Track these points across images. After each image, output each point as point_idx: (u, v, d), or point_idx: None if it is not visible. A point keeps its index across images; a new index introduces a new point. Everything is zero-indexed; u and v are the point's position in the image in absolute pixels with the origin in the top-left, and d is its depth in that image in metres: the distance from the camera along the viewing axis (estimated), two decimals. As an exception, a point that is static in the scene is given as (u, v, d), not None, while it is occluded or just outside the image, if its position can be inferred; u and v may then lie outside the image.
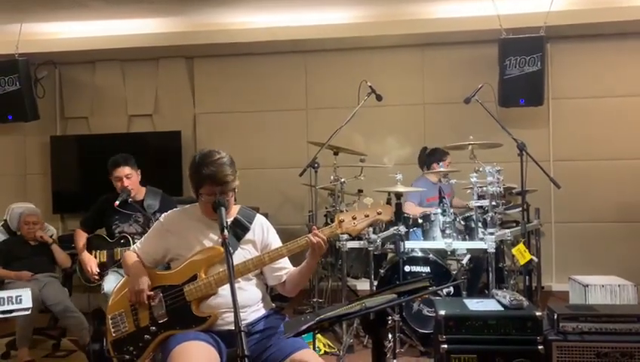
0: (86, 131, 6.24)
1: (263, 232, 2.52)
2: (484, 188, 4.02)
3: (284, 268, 2.49)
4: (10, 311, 3.62)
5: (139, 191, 3.88)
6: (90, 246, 3.90)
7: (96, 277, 3.75)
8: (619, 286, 4.30)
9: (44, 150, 6.20)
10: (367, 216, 2.36)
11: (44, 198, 6.02)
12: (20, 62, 5.56)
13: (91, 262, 3.79)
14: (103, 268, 3.80)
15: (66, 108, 6.29)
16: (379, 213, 2.37)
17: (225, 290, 2.33)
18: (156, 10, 5.30)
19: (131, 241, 3.72)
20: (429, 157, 5.06)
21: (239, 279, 2.35)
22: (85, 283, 3.88)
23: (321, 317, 1.84)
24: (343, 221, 2.35)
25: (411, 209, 4.75)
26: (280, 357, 2.26)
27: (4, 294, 3.65)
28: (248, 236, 2.48)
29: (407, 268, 4.13)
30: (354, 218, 2.35)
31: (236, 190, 2.42)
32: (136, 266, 2.47)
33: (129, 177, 3.82)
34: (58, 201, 6.08)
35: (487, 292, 4.04)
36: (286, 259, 2.49)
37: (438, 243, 4.15)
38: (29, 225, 4.51)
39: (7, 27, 5.45)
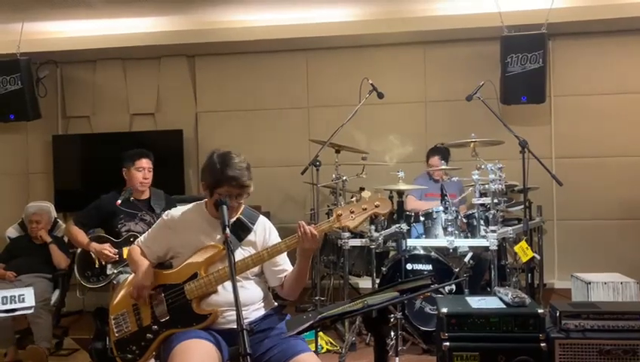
0: (88, 130, 6.24)
1: (264, 234, 2.51)
2: (486, 186, 4.02)
3: (285, 270, 2.48)
4: (13, 310, 3.63)
5: (146, 191, 3.86)
6: None
7: (117, 257, 3.65)
8: (621, 283, 4.30)
9: (46, 149, 6.21)
10: (365, 209, 2.33)
11: (47, 197, 6.00)
12: (22, 62, 5.56)
13: (104, 246, 3.66)
14: (114, 266, 3.75)
15: (68, 107, 6.29)
16: (377, 206, 2.34)
17: (226, 289, 2.33)
18: (157, 8, 5.30)
19: None
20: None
21: (240, 278, 2.34)
22: (84, 284, 3.80)
23: (323, 314, 1.84)
24: (341, 215, 2.33)
25: (412, 203, 4.76)
26: (281, 359, 2.26)
27: (7, 293, 3.67)
28: (250, 237, 2.48)
29: (409, 266, 4.13)
30: (352, 212, 2.32)
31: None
32: (141, 262, 2.47)
33: (150, 171, 3.80)
34: (60, 200, 6.07)
35: (489, 289, 4.04)
36: (287, 260, 2.49)
37: (440, 240, 4.16)
38: (32, 224, 4.53)
39: (9, 26, 5.45)
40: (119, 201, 3.69)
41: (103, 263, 3.71)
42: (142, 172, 3.76)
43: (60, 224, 4.80)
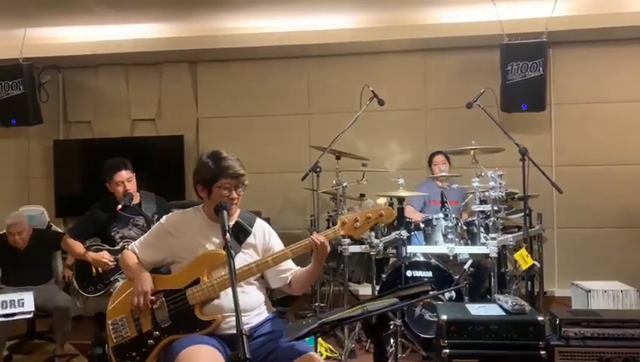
0: (89, 135, 6.26)
1: (264, 236, 2.52)
2: (486, 193, 4.02)
3: (290, 269, 2.49)
4: (13, 315, 3.62)
5: (135, 195, 3.84)
6: None
7: (114, 264, 3.61)
8: (621, 291, 4.29)
9: (47, 154, 6.22)
10: (369, 217, 2.37)
11: (47, 202, 6.02)
12: (24, 67, 5.59)
13: (100, 254, 3.64)
14: (111, 274, 3.74)
15: (70, 112, 6.31)
16: (380, 215, 2.38)
17: (228, 294, 2.31)
18: (159, 15, 5.33)
19: None
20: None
21: (242, 283, 2.35)
22: (83, 293, 3.78)
23: (323, 320, 1.85)
24: (345, 223, 2.37)
25: (410, 213, 4.76)
26: (283, 360, 2.25)
27: (6, 297, 3.66)
28: (249, 240, 2.48)
29: (409, 273, 4.12)
30: (356, 220, 2.36)
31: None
32: (137, 268, 2.45)
33: (129, 180, 3.77)
34: (61, 205, 6.09)
35: (489, 297, 4.03)
36: (290, 259, 2.49)
37: (440, 247, 4.15)
38: (13, 236, 4.36)
39: (12, 32, 5.48)
40: (119, 206, 3.67)
41: (100, 271, 3.71)
42: (121, 186, 3.70)
43: (54, 228, 4.75)
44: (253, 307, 2.41)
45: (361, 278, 4.66)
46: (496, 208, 4.00)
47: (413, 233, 4.38)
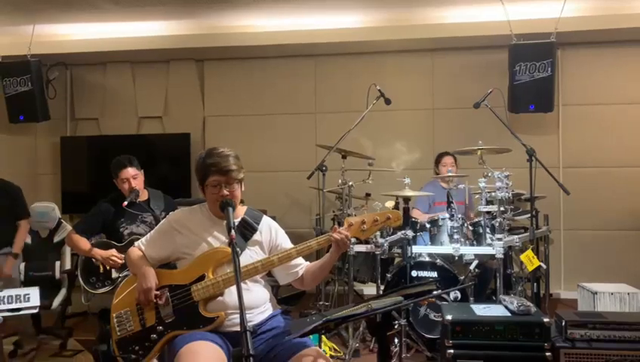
0: (96, 132, 6.29)
1: (270, 233, 2.52)
2: (493, 194, 4.01)
3: (299, 264, 2.49)
4: (18, 309, 3.63)
5: (143, 192, 3.85)
6: None
7: (121, 262, 3.61)
8: (628, 294, 4.26)
9: (54, 150, 6.25)
10: (377, 221, 2.37)
11: (54, 198, 6.03)
12: (32, 64, 5.62)
13: (109, 252, 3.64)
14: (119, 271, 3.74)
15: (77, 109, 6.34)
16: (388, 219, 2.37)
17: (232, 292, 2.31)
18: (167, 12, 5.34)
19: None
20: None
21: (246, 281, 2.35)
22: (89, 290, 3.77)
23: (328, 317, 1.84)
24: (352, 225, 2.36)
25: (417, 216, 4.75)
26: (286, 354, 2.25)
27: (12, 292, 3.66)
28: (255, 237, 2.48)
29: (414, 273, 4.10)
30: (363, 222, 2.36)
31: (242, 184, 2.42)
32: (142, 264, 2.45)
33: (135, 178, 3.77)
34: (67, 201, 6.12)
35: (494, 298, 4.01)
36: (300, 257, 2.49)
37: (446, 248, 4.14)
38: None
39: (20, 28, 5.51)
40: (125, 203, 3.67)
41: (107, 268, 3.71)
42: (126, 183, 3.70)
43: (65, 225, 4.75)
44: (257, 304, 2.41)
45: (366, 278, 4.65)
46: (502, 209, 3.97)
47: (418, 233, 4.36)
